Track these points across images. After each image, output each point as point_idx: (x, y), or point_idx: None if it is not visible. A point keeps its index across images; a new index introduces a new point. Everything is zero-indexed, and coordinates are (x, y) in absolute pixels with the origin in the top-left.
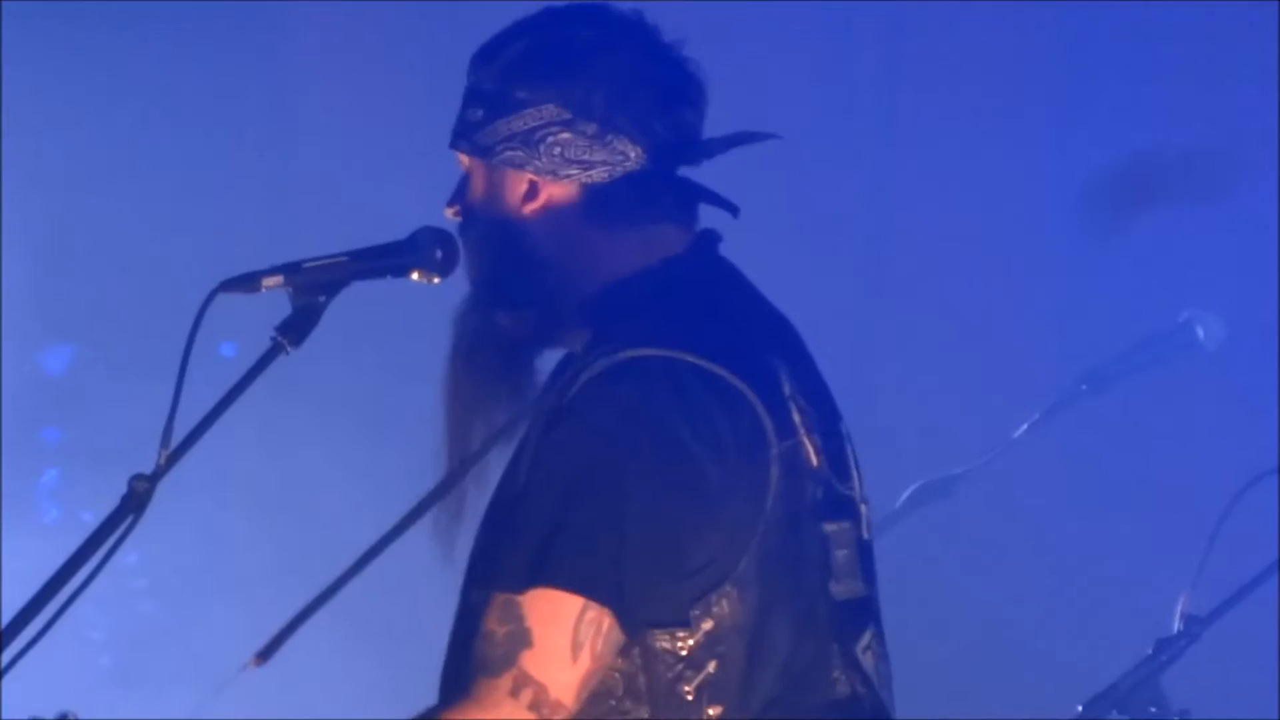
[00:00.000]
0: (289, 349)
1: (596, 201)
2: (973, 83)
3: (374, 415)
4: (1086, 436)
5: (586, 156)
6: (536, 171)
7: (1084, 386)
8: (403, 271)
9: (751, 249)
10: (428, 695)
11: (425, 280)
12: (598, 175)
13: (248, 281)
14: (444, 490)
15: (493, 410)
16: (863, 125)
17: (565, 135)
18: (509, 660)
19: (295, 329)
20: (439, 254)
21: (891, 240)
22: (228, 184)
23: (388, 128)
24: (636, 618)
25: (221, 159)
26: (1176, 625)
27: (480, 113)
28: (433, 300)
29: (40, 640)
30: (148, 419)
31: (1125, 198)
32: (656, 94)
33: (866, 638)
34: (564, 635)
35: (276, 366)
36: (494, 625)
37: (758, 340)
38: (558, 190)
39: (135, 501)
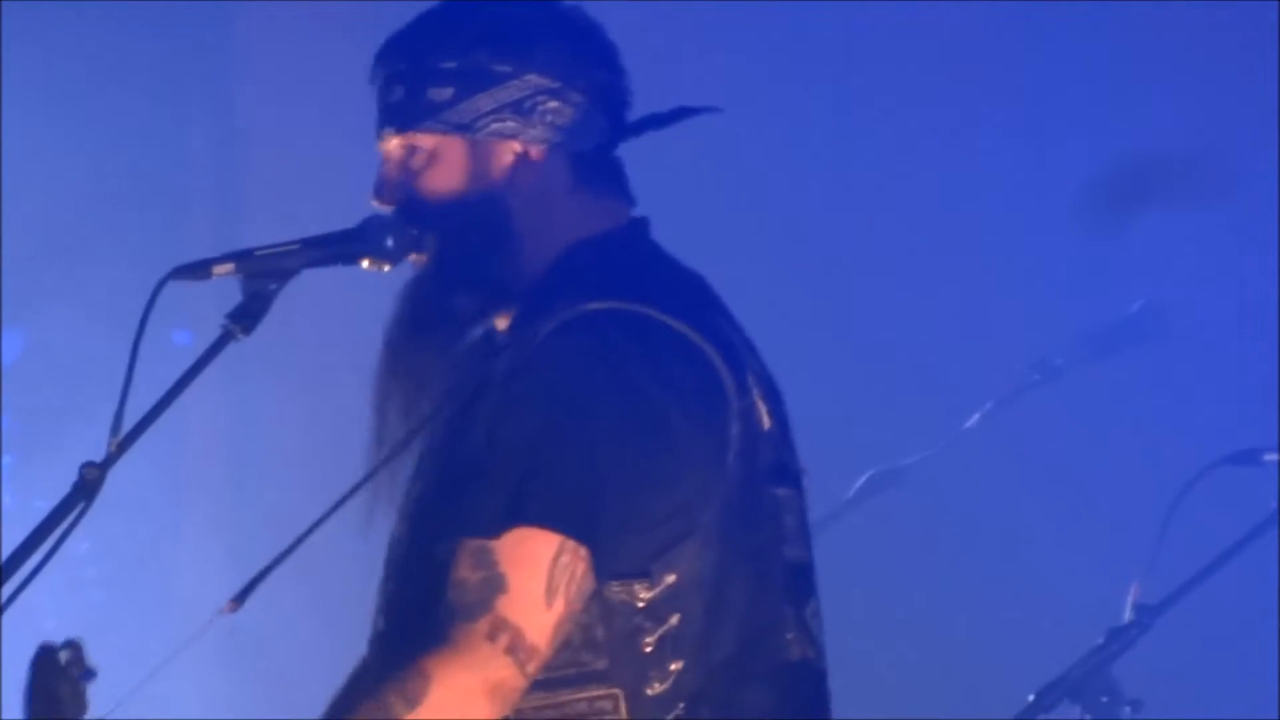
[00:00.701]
0: (240, 336)
1: (579, 169)
2: (961, 82)
3: (327, 398)
4: (1038, 426)
5: (572, 124)
6: (529, 140)
7: (1035, 375)
8: (353, 259)
9: (700, 234)
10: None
11: (375, 268)
12: (581, 143)
13: (199, 269)
14: (394, 457)
15: (435, 381)
16: (825, 107)
17: (553, 104)
18: (485, 605)
19: (246, 316)
20: (390, 241)
21: (846, 229)
22: (179, 168)
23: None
24: (603, 565)
25: (172, 143)
26: (1128, 614)
27: (449, 91)
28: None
29: None
30: (98, 406)
31: (1125, 198)
32: (610, 67)
33: (813, 604)
34: (539, 579)
35: (230, 351)
36: (466, 572)
37: (709, 305)
38: (545, 159)
39: (86, 489)
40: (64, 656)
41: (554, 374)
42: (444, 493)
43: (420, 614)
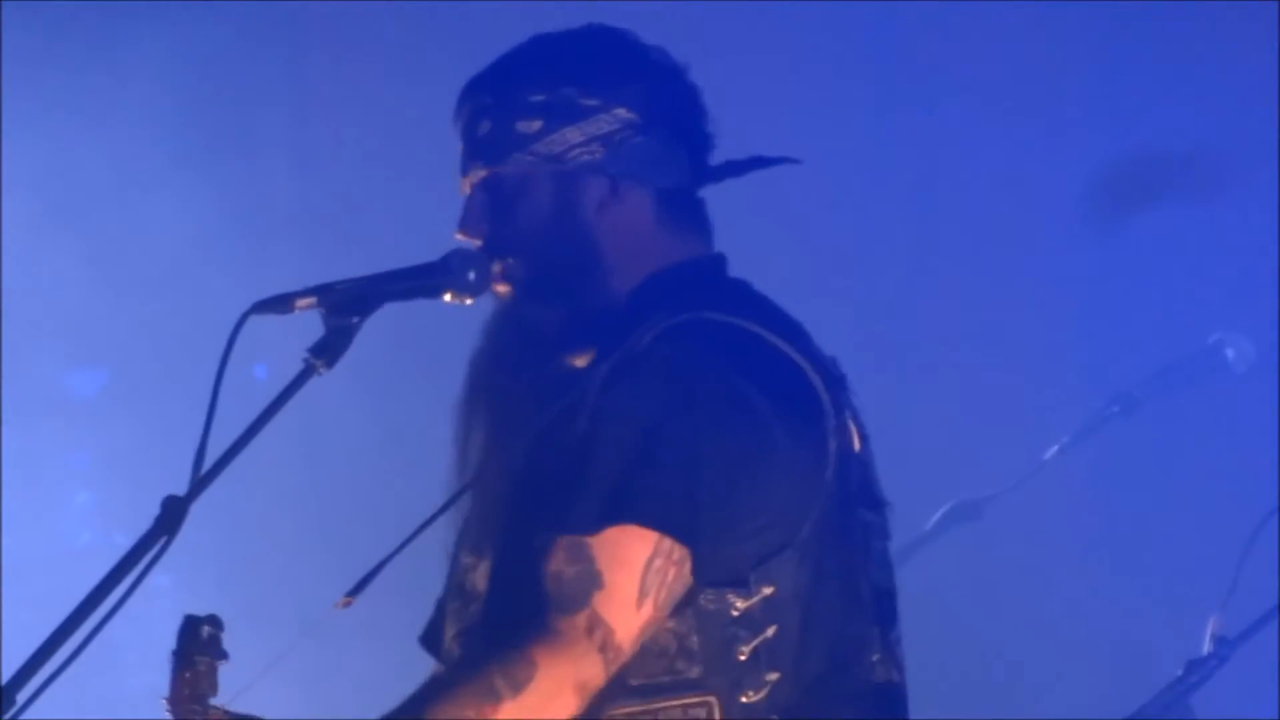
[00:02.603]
0: (321, 370)
1: (663, 205)
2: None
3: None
4: (1117, 458)
5: (658, 159)
6: (618, 174)
7: (1115, 408)
8: (436, 293)
9: (782, 264)
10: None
11: (458, 301)
12: (665, 179)
13: (281, 303)
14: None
15: (518, 409)
16: (890, 141)
17: (639, 139)
18: (583, 600)
19: (328, 350)
20: (471, 275)
21: (924, 259)
22: (262, 204)
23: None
24: (701, 570)
25: (258, 180)
26: (1207, 646)
27: (538, 123)
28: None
29: (74, 662)
30: (180, 441)
31: (1124, 198)
32: (694, 107)
33: (897, 630)
34: (632, 580)
35: (310, 387)
36: (562, 565)
37: (800, 329)
38: (633, 193)
39: (168, 523)
40: (205, 631)
41: (658, 377)
42: (532, 485)
43: (502, 605)
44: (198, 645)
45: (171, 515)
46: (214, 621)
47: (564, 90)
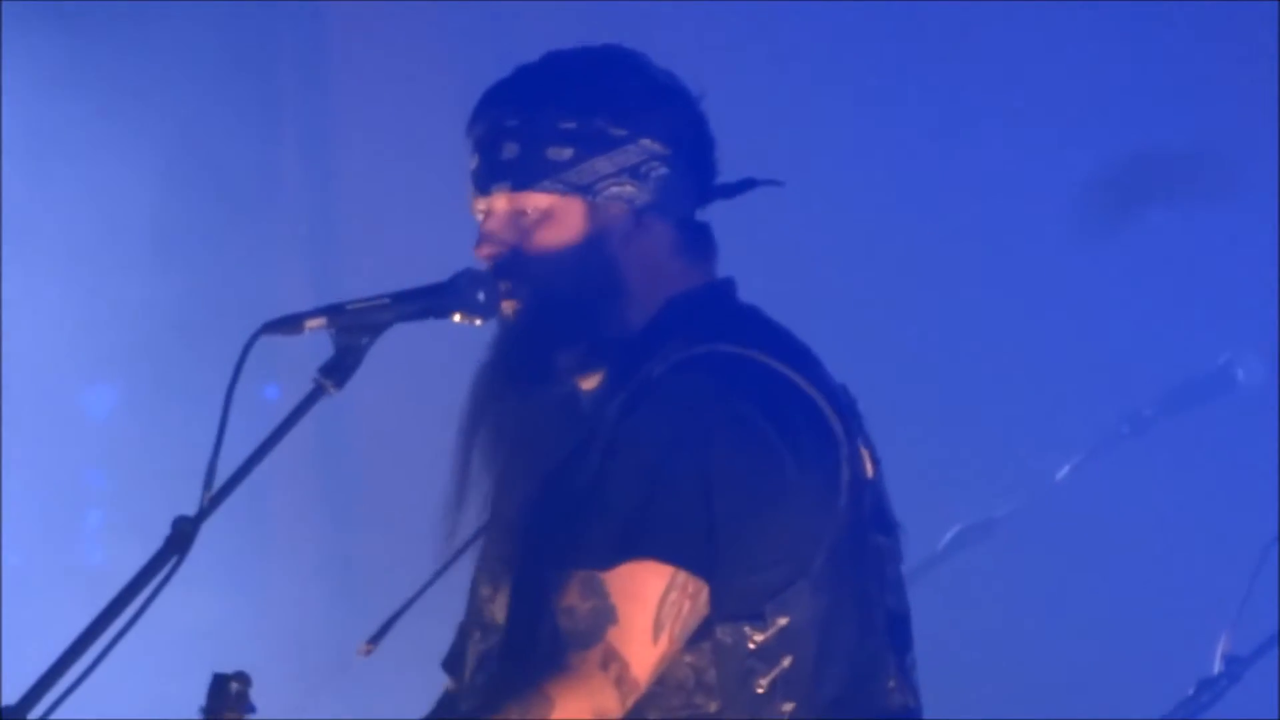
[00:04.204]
0: (331, 390)
1: (681, 233)
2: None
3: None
4: (1128, 478)
5: (680, 190)
6: (643, 204)
7: (1125, 428)
8: (445, 313)
9: (789, 284)
10: None
11: (467, 322)
12: (683, 209)
13: (290, 323)
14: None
15: (520, 432)
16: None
17: (664, 170)
18: (597, 634)
19: (338, 370)
20: (481, 296)
21: (934, 278)
22: (271, 224)
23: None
24: (717, 604)
25: (265, 198)
26: (1218, 666)
27: (569, 151)
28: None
29: (84, 682)
30: (190, 461)
31: (1124, 198)
32: (706, 134)
33: (912, 655)
34: (647, 614)
35: (320, 408)
36: (575, 600)
37: (810, 356)
38: (655, 222)
39: (179, 543)
40: (234, 688)
41: (671, 410)
42: (545, 519)
43: (518, 640)
44: (227, 703)
45: (182, 535)
46: (241, 678)
47: (594, 118)
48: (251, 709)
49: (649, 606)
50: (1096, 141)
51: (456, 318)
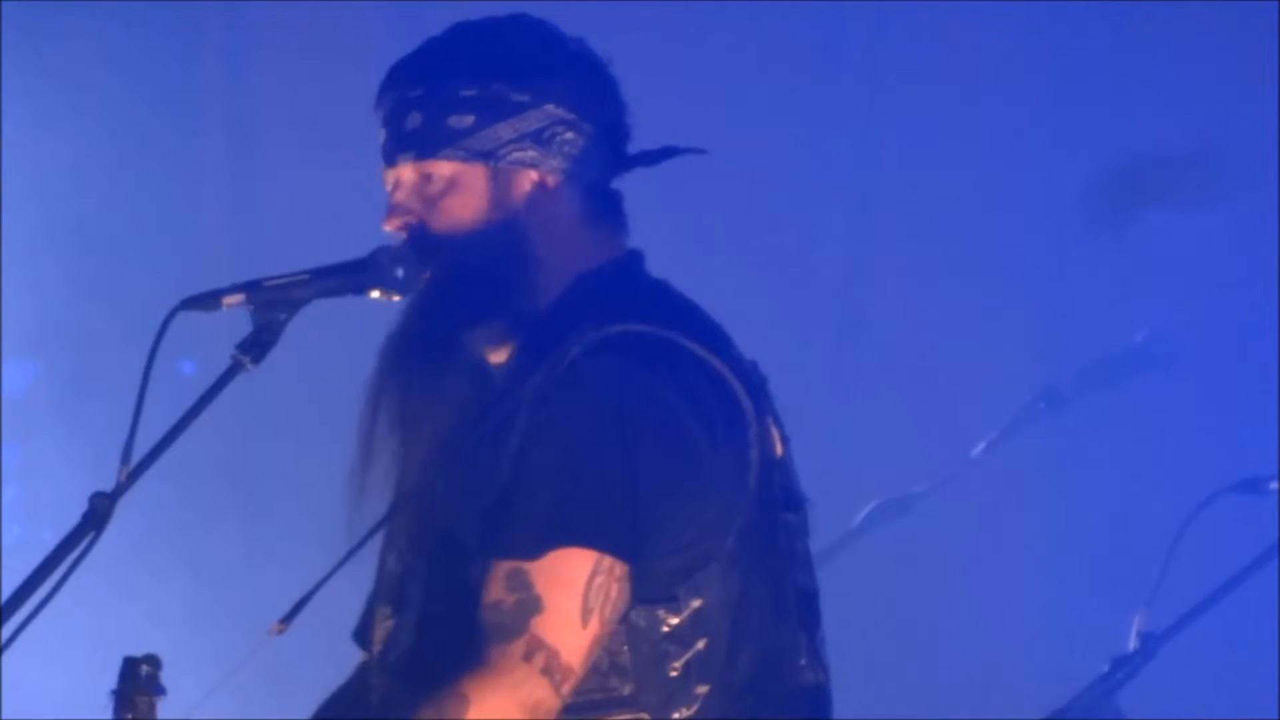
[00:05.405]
0: (249, 367)
1: (589, 200)
2: (962, 83)
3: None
4: (1044, 454)
5: (586, 155)
6: (546, 170)
7: (1042, 404)
8: (363, 289)
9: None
10: None
11: (385, 298)
12: (591, 174)
13: (208, 299)
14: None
15: (428, 401)
16: (842, 125)
17: (569, 135)
18: (520, 626)
19: (256, 347)
20: (400, 272)
21: (850, 254)
22: (189, 200)
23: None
24: (635, 587)
25: (184, 176)
26: (1133, 643)
27: (470, 118)
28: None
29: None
30: (108, 437)
31: (1124, 199)
32: (616, 100)
33: (821, 631)
34: (574, 599)
35: (237, 383)
36: (501, 594)
37: (719, 333)
38: (562, 189)
39: (96, 519)
40: (144, 670)
41: (588, 396)
42: (472, 515)
43: (454, 636)
44: (137, 685)
45: (99, 511)
46: (152, 661)
47: (495, 84)
48: (161, 690)
49: (575, 592)
50: (1097, 141)
51: (375, 293)
